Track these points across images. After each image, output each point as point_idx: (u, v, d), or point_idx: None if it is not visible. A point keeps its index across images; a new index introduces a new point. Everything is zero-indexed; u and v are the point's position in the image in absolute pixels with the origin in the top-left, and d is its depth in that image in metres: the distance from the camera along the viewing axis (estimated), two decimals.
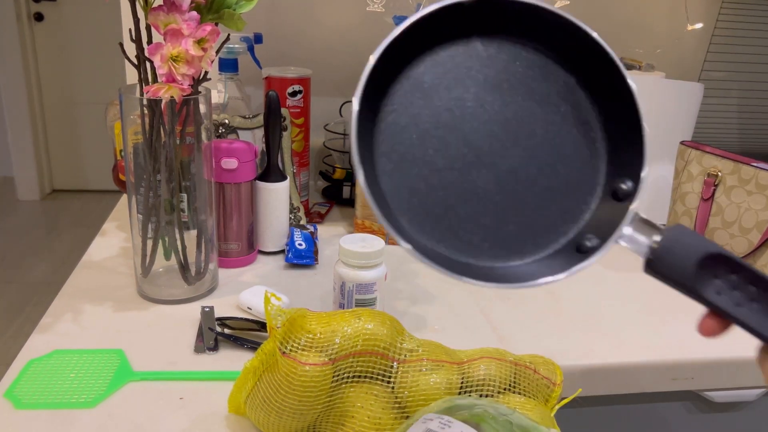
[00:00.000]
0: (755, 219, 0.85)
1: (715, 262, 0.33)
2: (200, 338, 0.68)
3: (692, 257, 0.33)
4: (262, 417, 0.53)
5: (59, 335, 0.67)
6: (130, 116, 0.69)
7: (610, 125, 0.38)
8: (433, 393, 0.52)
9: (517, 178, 0.37)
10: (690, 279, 0.33)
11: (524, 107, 0.38)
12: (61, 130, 3.44)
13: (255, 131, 0.94)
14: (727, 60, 1.34)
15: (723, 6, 1.28)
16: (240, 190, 0.84)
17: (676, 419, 0.81)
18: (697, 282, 0.33)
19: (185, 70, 0.62)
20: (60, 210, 3.34)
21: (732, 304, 0.33)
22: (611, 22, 1.23)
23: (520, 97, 0.38)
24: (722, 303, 0.33)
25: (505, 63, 0.38)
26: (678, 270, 0.33)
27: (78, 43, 3.27)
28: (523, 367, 0.56)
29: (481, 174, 0.37)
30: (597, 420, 0.78)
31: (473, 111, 0.37)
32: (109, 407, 0.57)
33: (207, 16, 0.64)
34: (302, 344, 0.50)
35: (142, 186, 0.71)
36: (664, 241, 0.33)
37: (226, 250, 0.85)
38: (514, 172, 0.37)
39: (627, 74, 0.38)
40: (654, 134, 1.04)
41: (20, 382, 0.59)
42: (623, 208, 0.35)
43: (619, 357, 0.71)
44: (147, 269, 0.75)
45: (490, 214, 0.37)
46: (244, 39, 0.99)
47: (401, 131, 0.36)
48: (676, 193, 0.97)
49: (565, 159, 0.38)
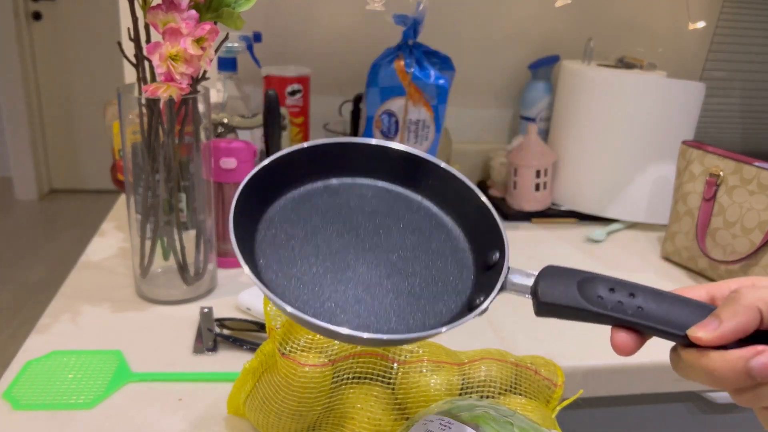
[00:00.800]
0: (757, 219, 0.84)
1: (592, 283, 0.37)
2: (199, 339, 0.68)
3: (572, 282, 0.37)
4: (261, 418, 0.52)
5: (57, 336, 0.67)
6: (129, 116, 0.69)
7: (464, 220, 0.45)
8: (433, 394, 0.52)
9: (399, 272, 0.42)
10: (579, 300, 0.36)
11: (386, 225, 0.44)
12: (59, 130, 3.44)
13: (254, 130, 0.93)
14: (729, 59, 1.33)
15: (724, 5, 1.28)
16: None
17: (677, 420, 0.81)
18: (587, 301, 0.36)
19: (184, 69, 0.62)
20: (58, 210, 3.34)
21: (625, 314, 0.35)
22: (612, 21, 1.23)
23: (380, 219, 0.44)
24: (616, 314, 0.35)
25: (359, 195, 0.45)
26: (565, 296, 0.37)
27: (76, 42, 3.27)
28: (524, 368, 0.56)
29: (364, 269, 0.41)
30: (598, 421, 0.78)
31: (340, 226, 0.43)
32: (108, 408, 0.57)
33: (206, 14, 0.64)
34: (302, 345, 0.50)
35: (141, 186, 0.71)
36: (542, 276, 0.38)
37: (225, 251, 0.85)
38: (395, 267, 0.42)
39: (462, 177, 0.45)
40: (655, 134, 1.04)
41: (18, 382, 0.59)
42: (499, 268, 0.40)
43: (620, 358, 0.70)
44: (145, 270, 0.75)
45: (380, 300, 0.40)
46: (243, 38, 0.99)
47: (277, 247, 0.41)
48: (678, 192, 0.97)
49: (438, 251, 0.44)
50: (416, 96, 0.93)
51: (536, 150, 1.08)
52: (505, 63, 1.24)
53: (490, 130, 1.29)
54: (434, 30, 1.13)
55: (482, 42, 1.21)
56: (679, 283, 0.91)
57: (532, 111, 1.21)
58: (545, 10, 1.19)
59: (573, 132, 1.09)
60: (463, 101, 1.24)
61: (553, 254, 0.96)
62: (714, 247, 0.90)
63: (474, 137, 1.28)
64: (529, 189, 1.09)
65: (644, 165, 1.06)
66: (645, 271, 0.95)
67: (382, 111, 0.95)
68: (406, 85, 0.92)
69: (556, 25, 1.21)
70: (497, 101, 1.27)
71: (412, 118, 0.94)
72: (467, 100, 1.25)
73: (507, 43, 1.22)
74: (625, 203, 1.08)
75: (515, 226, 1.08)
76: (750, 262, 0.85)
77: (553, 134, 1.15)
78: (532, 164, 1.08)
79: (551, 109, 1.19)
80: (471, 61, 1.21)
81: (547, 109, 1.21)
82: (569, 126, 1.10)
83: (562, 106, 1.11)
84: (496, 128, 1.30)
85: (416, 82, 0.92)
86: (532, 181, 1.09)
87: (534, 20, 1.20)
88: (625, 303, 0.35)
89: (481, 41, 1.21)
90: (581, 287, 0.36)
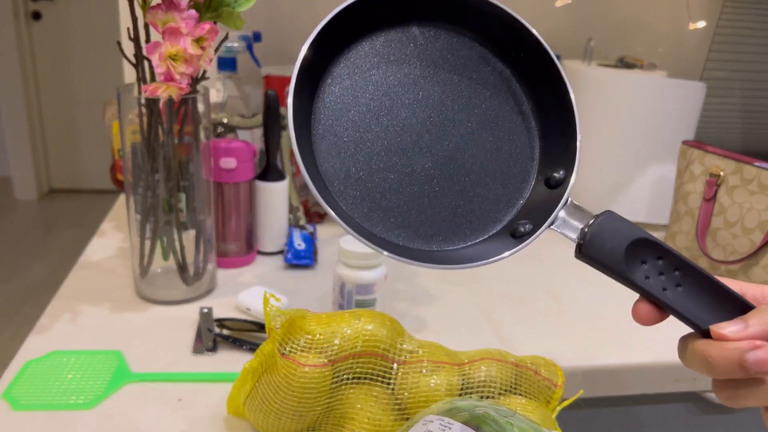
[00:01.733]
0: (758, 219, 0.84)
1: (643, 247, 0.34)
2: (199, 339, 0.67)
3: (622, 242, 0.34)
4: (261, 418, 0.52)
5: (57, 336, 0.67)
6: (128, 115, 0.69)
7: (543, 116, 0.40)
8: (433, 394, 0.51)
9: (454, 163, 0.38)
10: (619, 263, 0.34)
11: (461, 94, 0.39)
12: (59, 130, 3.44)
13: (254, 130, 0.93)
14: (730, 59, 1.33)
15: (725, 5, 1.28)
16: (239, 189, 0.83)
17: (678, 420, 0.81)
18: (626, 266, 0.34)
19: (184, 69, 0.62)
20: (57, 210, 3.33)
21: (659, 289, 0.34)
22: (612, 21, 1.23)
23: (457, 85, 0.39)
24: (650, 287, 0.34)
25: (441, 51, 0.39)
26: (608, 254, 0.34)
27: (76, 41, 3.26)
28: (524, 369, 0.56)
29: (418, 159, 0.38)
30: (599, 421, 0.78)
31: (411, 96, 0.38)
32: (107, 408, 0.57)
33: (206, 14, 0.64)
34: (301, 345, 0.50)
35: (140, 186, 0.71)
36: (595, 226, 0.34)
37: (225, 251, 0.85)
38: (450, 158, 0.38)
39: (560, 66, 0.39)
40: (655, 134, 1.04)
41: (18, 383, 0.59)
42: (556, 195, 0.37)
43: (621, 358, 0.71)
44: (145, 270, 0.74)
45: (427, 198, 0.37)
46: (243, 37, 0.99)
47: (339, 113, 0.37)
48: (678, 192, 0.96)
49: (500, 147, 0.39)
50: None
51: None
52: None
53: None
54: None
55: None
56: None
57: None
58: (545, 10, 1.19)
59: None
60: None
61: (554, 254, 0.96)
62: (714, 247, 0.90)
63: None
64: None
65: (644, 165, 1.06)
66: None
67: None
68: None
69: (556, 25, 1.21)
70: None
71: None
72: None
73: None
74: (625, 203, 1.08)
75: None
76: (750, 262, 0.85)
77: None
78: None
79: None
80: None
81: None
82: None
83: None
84: None
85: None
86: None
87: (534, 20, 1.20)
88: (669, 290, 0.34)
89: None
90: (629, 253, 0.34)
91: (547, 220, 0.36)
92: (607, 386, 0.71)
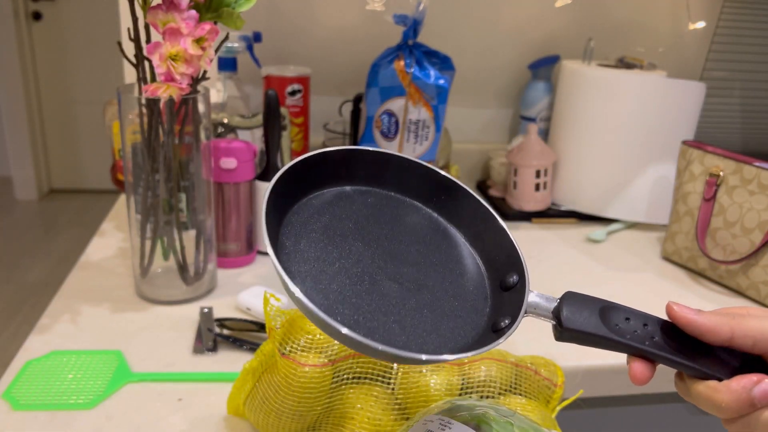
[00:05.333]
0: (757, 219, 0.84)
1: (611, 312, 0.38)
2: (199, 339, 0.67)
3: (594, 309, 0.38)
4: (261, 418, 0.52)
5: (57, 336, 0.67)
6: (129, 115, 0.69)
7: (478, 240, 0.45)
8: (433, 394, 0.51)
9: (420, 286, 0.42)
10: (599, 326, 0.37)
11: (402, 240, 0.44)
12: (59, 130, 3.44)
13: (254, 130, 0.93)
14: (729, 59, 1.33)
15: (724, 5, 1.28)
16: (239, 189, 0.83)
17: (678, 420, 0.81)
18: (607, 328, 0.37)
19: (184, 69, 0.62)
20: (58, 210, 3.33)
21: (640, 343, 0.37)
22: (612, 21, 1.23)
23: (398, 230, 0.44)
24: (634, 343, 0.37)
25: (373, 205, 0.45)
26: (586, 322, 0.37)
27: (76, 42, 3.26)
28: (524, 369, 0.56)
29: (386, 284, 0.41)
30: (598, 421, 0.78)
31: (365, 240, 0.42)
32: (108, 408, 0.57)
33: (206, 14, 0.64)
34: (302, 345, 0.50)
35: (141, 186, 0.71)
36: (565, 302, 0.38)
37: (225, 251, 0.85)
38: (416, 282, 0.42)
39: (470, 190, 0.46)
40: (655, 134, 1.04)
41: (18, 383, 0.59)
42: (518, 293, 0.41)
43: (621, 358, 0.70)
44: (145, 270, 0.75)
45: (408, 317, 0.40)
46: (243, 38, 0.99)
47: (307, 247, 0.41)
48: (678, 192, 0.96)
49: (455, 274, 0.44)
50: (416, 96, 0.93)
51: (536, 150, 1.08)
52: (505, 63, 1.24)
53: (490, 130, 1.29)
54: (434, 30, 1.13)
55: (482, 42, 1.21)
56: (680, 282, 0.91)
57: (532, 111, 1.21)
58: (545, 10, 1.19)
59: (573, 132, 1.09)
60: (463, 101, 1.24)
61: (554, 254, 0.96)
62: (714, 247, 0.90)
63: (474, 137, 1.28)
64: (530, 189, 1.09)
65: (644, 165, 1.06)
66: (645, 271, 0.95)
67: (382, 111, 0.95)
68: (406, 85, 0.92)
69: (556, 25, 1.21)
70: (497, 101, 1.27)
71: (412, 118, 0.94)
72: (467, 100, 1.25)
73: (507, 43, 1.22)
74: (625, 203, 1.08)
75: (515, 226, 1.08)
76: (750, 262, 0.85)
77: (553, 134, 1.15)
78: (532, 164, 1.08)
79: (551, 109, 1.18)
80: (471, 61, 1.21)
81: (547, 109, 1.21)
82: (569, 126, 1.10)
83: (563, 106, 1.11)
84: (496, 128, 1.30)
85: (416, 82, 0.92)
86: (532, 181, 1.09)
87: (534, 20, 1.20)
88: (640, 332, 0.37)
89: (481, 41, 1.21)
90: (603, 315, 0.38)
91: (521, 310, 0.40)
92: (606, 386, 0.71)
